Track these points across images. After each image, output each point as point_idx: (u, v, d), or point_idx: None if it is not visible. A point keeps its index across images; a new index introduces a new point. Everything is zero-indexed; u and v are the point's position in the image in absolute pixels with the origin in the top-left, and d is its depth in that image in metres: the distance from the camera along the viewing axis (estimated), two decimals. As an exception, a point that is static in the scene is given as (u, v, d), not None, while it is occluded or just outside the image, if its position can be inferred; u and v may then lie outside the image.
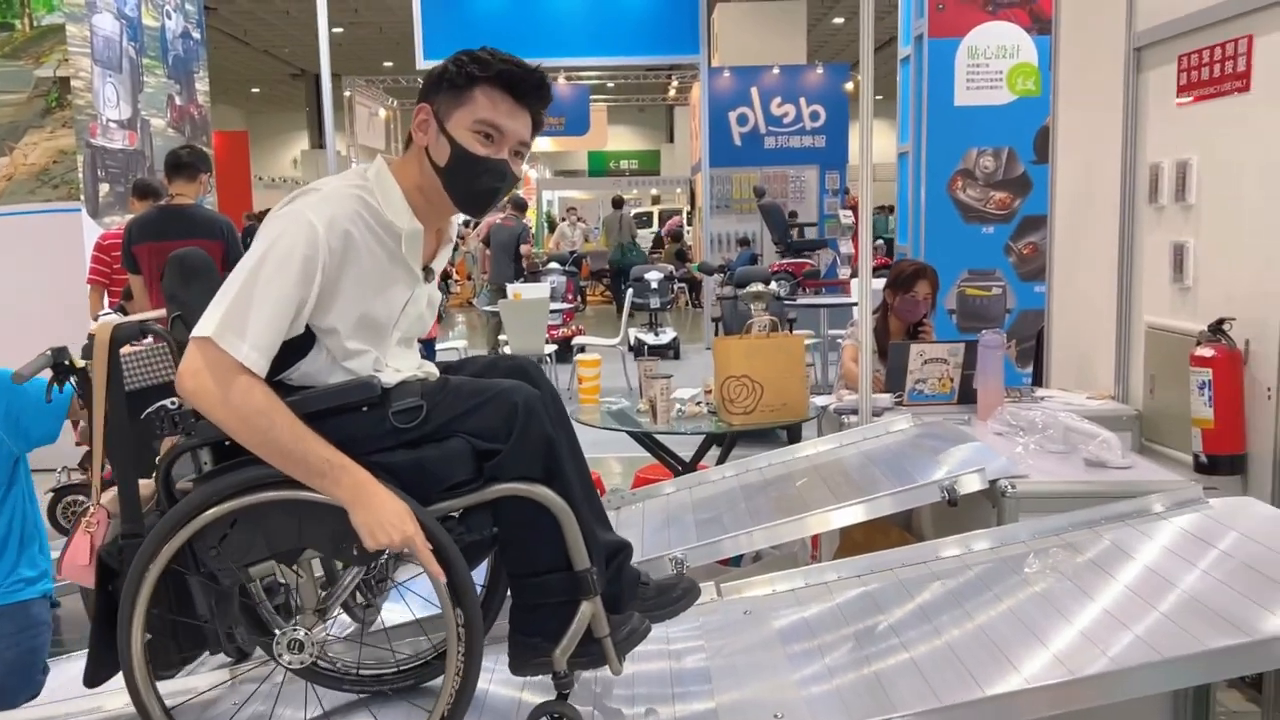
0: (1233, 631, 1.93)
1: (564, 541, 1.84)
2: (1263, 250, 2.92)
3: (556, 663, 1.86)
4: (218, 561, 1.83)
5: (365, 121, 18.71)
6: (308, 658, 1.88)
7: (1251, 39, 2.98)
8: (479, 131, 1.87)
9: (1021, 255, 6.27)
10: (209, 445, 1.84)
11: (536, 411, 1.83)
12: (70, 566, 1.97)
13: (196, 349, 1.74)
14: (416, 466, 1.79)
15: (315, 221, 1.77)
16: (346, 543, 1.78)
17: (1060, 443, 3.01)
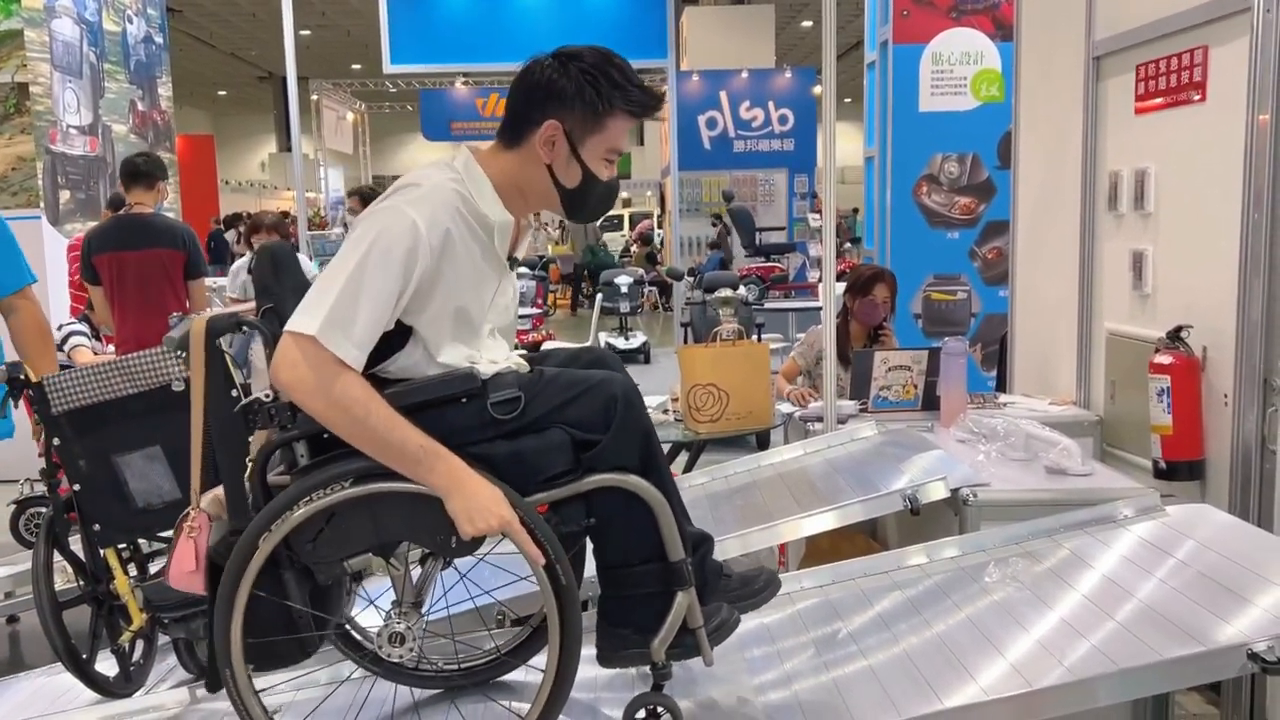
0: (1189, 641, 1.95)
1: (659, 532, 1.84)
2: (1219, 258, 2.95)
3: (655, 654, 1.85)
4: (314, 555, 1.81)
5: (333, 125, 18.61)
6: (408, 651, 1.90)
7: (1207, 50, 3.01)
8: (607, 159, 1.91)
9: (986, 260, 6.31)
10: (306, 438, 1.84)
11: (635, 403, 1.85)
12: (178, 575, 1.92)
13: (294, 344, 1.72)
14: (515, 457, 1.79)
15: (417, 219, 1.76)
16: (444, 534, 1.77)
17: (1022, 450, 3.03)
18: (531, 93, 1.88)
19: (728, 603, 1.98)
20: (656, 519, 1.83)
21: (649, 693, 1.91)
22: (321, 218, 17.45)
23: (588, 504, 1.84)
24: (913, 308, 6.38)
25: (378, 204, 1.84)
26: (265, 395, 1.84)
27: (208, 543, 1.92)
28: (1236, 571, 2.21)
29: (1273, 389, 2.82)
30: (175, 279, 4.81)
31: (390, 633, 1.89)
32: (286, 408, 1.82)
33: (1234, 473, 2.93)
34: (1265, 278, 2.80)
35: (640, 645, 1.86)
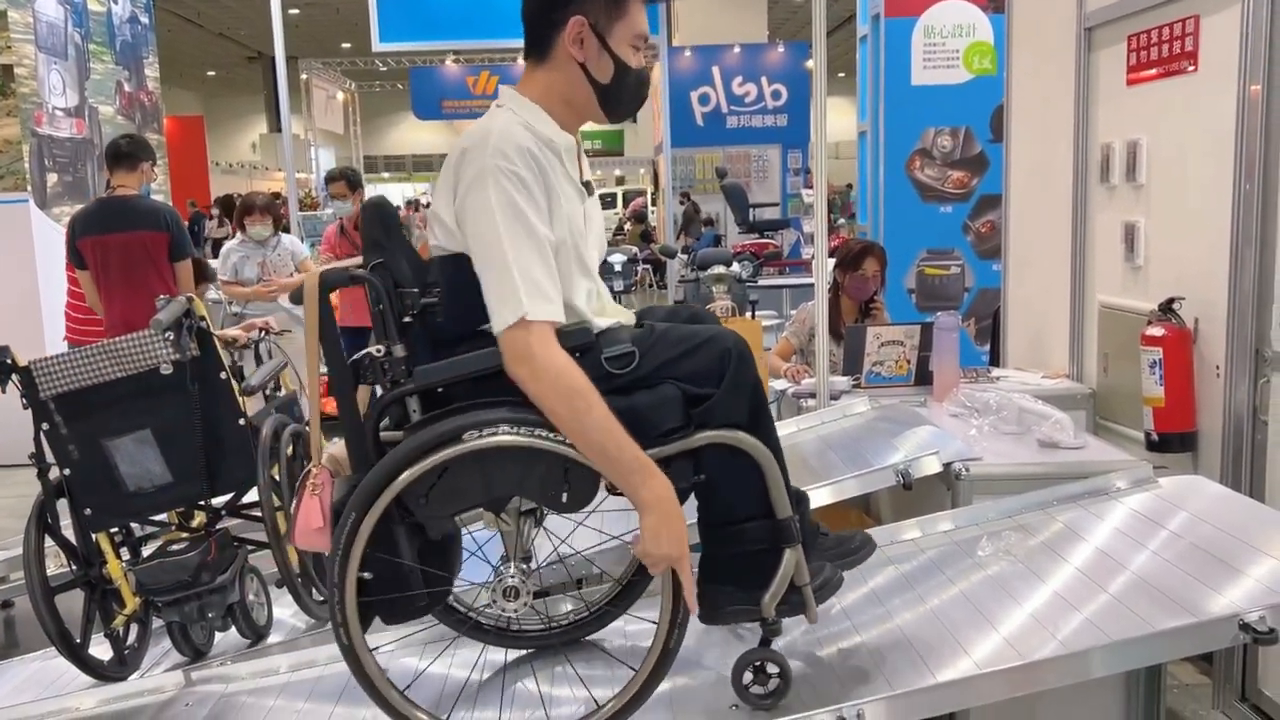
0: (1181, 613, 1.95)
1: (766, 489, 1.83)
2: (1210, 230, 2.94)
3: (765, 609, 1.85)
4: (426, 511, 1.82)
5: (323, 104, 18.49)
6: (522, 605, 1.90)
7: (1198, 19, 2.99)
8: (634, 45, 1.90)
9: (979, 234, 6.29)
10: (418, 394, 1.84)
11: (747, 357, 1.83)
12: (304, 533, 1.92)
13: (510, 339, 1.73)
14: (630, 412, 1.77)
15: (511, 167, 1.76)
16: (555, 490, 1.78)
17: (1014, 424, 3.03)
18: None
19: (828, 561, 1.99)
20: (764, 475, 1.83)
21: (758, 648, 1.92)
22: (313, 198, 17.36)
23: (695, 460, 1.84)
24: (906, 283, 6.37)
25: (464, 175, 1.80)
26: (376, 350, 1.84)
27: (331, 498, 1.92)
28: (1228, 542, 2.21)
29: (1264, 360, 2.82)
30: (159, 261, 4.77)
31: (505, 587, 1.90)
32: (401, 362, 1.83)
33: (1226, 444, 2.93)
34: (1256, 249, 2.79)
35: (744, 602, 1.87)
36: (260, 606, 2.84)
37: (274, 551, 2.66)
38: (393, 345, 1.84)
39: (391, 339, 1.85)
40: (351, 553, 1.80)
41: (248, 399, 2.79)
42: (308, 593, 2.75)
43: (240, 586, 2.70)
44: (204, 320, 2.61)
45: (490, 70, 16.47)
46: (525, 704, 2.06)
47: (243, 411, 2.68)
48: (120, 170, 4.81)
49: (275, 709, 2.32)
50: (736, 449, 1.81)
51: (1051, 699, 2.44)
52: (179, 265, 4.82)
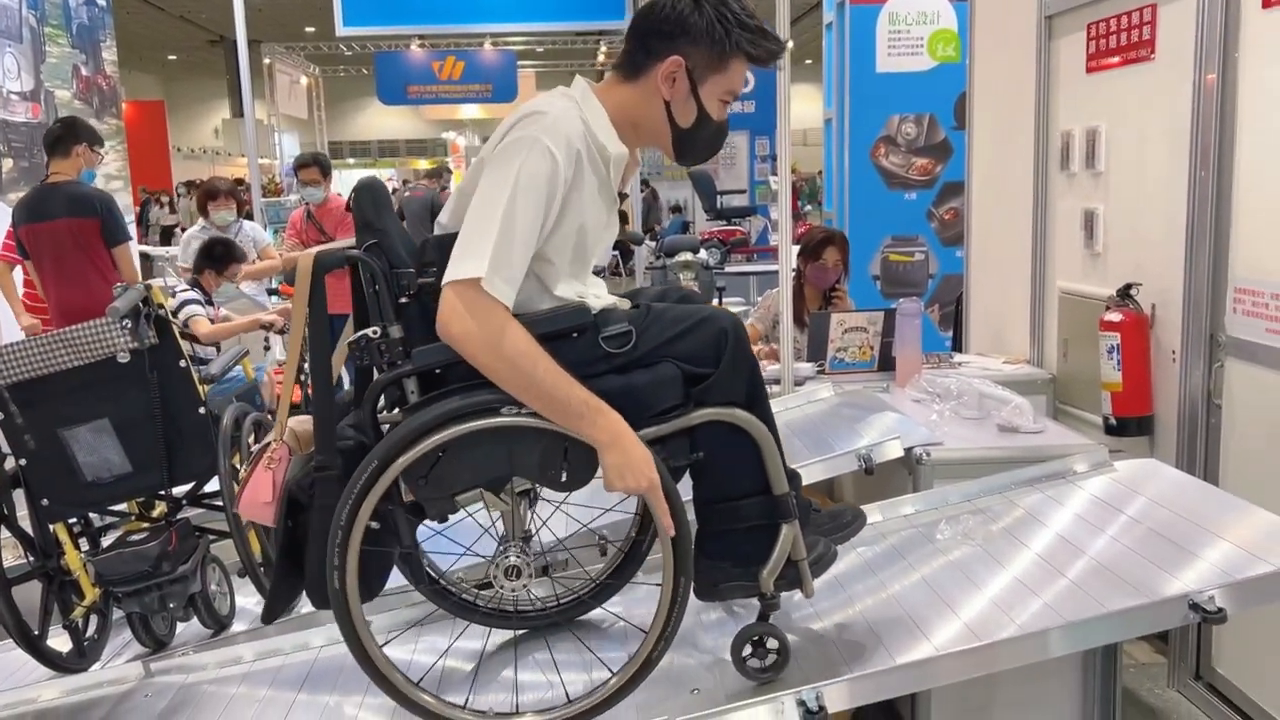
0: (1134, 594, 1.99)
1: (763, 466, 1.85)
2: (1167, 217, 2.99)
3: (763, 585, 1.87)
4: (425, 492, 1.81)
5: (287, 89, 18.27)
6: (522, 584, 1.91)
7: (1155, 8, 3.02)
8: (724, 101, 1.90)
9: (943, 221, 6.33)
10: (416, 375, 1.83)
11: (743, 336, 1.85)
12: (250, 505, 1.91)
13: (458, 294, 1.71)
14: (627, 392, 1.78)
15: (553, 148, 1.75)
16: (554, 469, 1.79)
17: (975, 409, 3.06)
18: (660, 25, 1.86)
19: (822, 536, 2.01)
20: (761, 452, 1.85)
21: (757, 623, 1.93)
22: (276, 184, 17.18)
23: (692, 439, 1.84)
24: (871, 269, 6.40)
25: (507, 138, 1.79)
26: (372, 332, 1.83)
27: (284, 476, 1.91)
28: (1182, 525, 2.26)
29: (1218, 345, 2.86)
30: (92, 247, 4.66)
31: (506, 566, 1.90)
32: (398, 344, 1.83)
33: (1181, 428, 2.98)
34: (1211, 236, 2.84)
35: (741, 579, 1.89)
36: (222, 596, 2.82)
37: (236, 541, 2.64)
38: (389, 326, 1.83)
39: (388, 320, 1.84)
40: (352, 535, 1.79)
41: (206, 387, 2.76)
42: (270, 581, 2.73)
43: (202, 576, 2.68)
44: (162, 308, 2.58)
45: (456, 55, 16.33)
46: (529, 683, 2.07)
47: (203, 400, 2.65)
48: (55, 157, 4.71)
49: (237, 698, 2.31)
50: (734, 426, 1.83)
51: (1010, 680, 2.48)
52: (116, 251, 4.72)
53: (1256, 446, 2.75)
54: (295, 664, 2.44)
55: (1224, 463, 2.88)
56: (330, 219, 6.21)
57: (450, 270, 1.72)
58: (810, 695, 1.85)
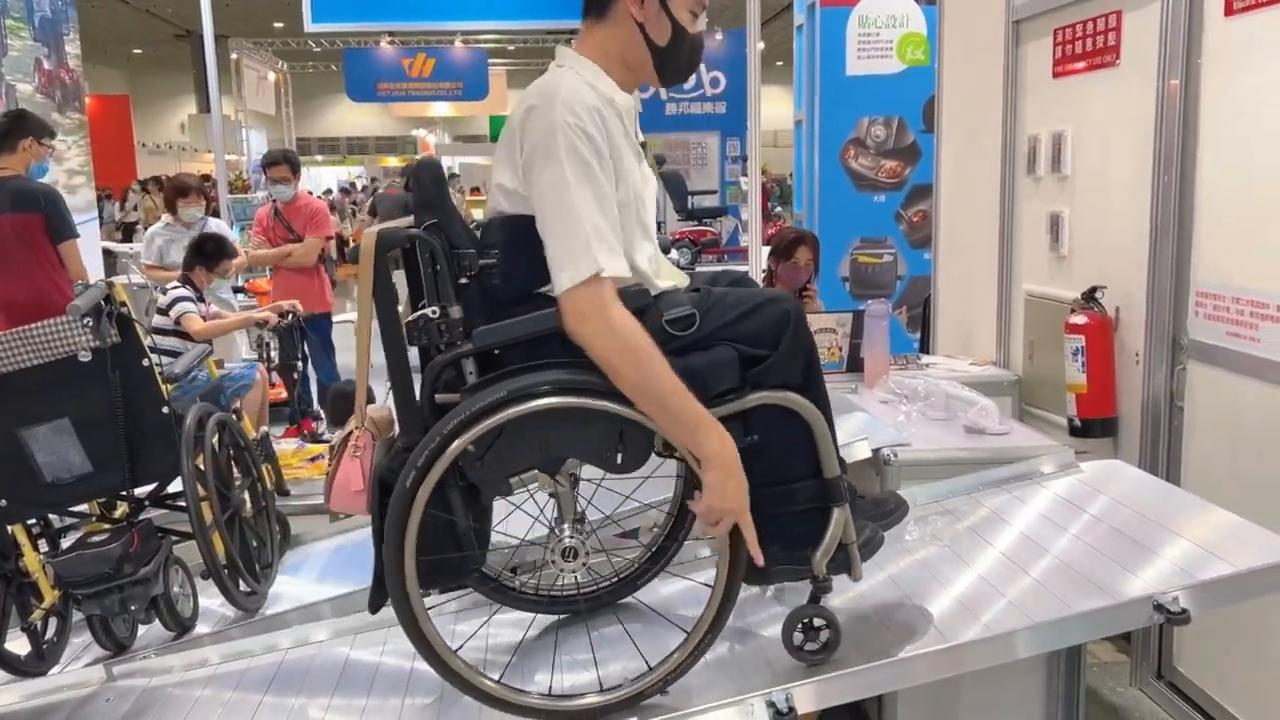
0: (1099, 595, 2.01)
1: (816, 449, 1.86)
2: (1131, 221, 3.02)
3: (816, 567, 1.88)
4: (482, 473, 1.82)
5: (254, 85, 18.07)
6: (580, 565, 1.93)
7: (1120, 14, 3.06)
8: (693, 11, 1.91)
9: (912, 223, 6.37)
10: (475, 356, 1.83)
11: (804, 320, 1.87)
12: (341, 495, 1.91)
13: (575, 298, 1.73)
14: (687, 374, 1.77)
15: (579, 123, 1.76)
16: (610, 451, 1.80)
17: (942, 410, 3.08)
18: None
19: (869, 521, 2.02)
20: (814, 436, 1.86)
21: (809, 605, 1.94)
22: (243, 181, 17.00)
23: (746, 421, 1.85)
24: (840, 270, 6.43)
25: (529, 135, 1.80)
26: (432, 312, 1.83)
27: (372, 462, 1.90)
28: (1146, 526, 2.28)
29: (1180, 348, 2.90)
30: (36, 244, 4.54)
31: (563, 548, 1.91)
32: (458, 324, 1.83)
33: (1145, 429, 3.02)
34: (1174, 240, 2.87)
35: (789, 561, 1.90)
36: (185, 598, 2.78)
37: (199, 542, 2.61)
38: (449, 306, 1.83)
39: (448, 300, 1.84)
40: (411, 516, 1.79)
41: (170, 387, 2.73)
42: (234, 584, 2.70)
43: (164, 578, 2.64)
44: (125, 306, 2.55)
45: (427, 53, 16.22)
46: (574, 666, 2.08)
47: (166, 399, 2.62)
48: (1, 152, 4.63)
49: (202, 700, 2.29)
50: (789, 410, 1.84)
51: (976, 680, 2.50)
52: (62, 247, 4.64)
53: (1217, 448, 2.79)
54: (261, 666, 2.41)
55: (1186, 464, 2.92)
56: (299, 217, 6.15)
57: (559, 281, 1.74)
58: (780, 696, 1.86)
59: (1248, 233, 2.63)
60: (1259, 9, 2.54)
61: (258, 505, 3.06)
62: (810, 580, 1.93)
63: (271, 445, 3.57)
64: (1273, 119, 2.52)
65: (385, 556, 1.82)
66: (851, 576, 1.95)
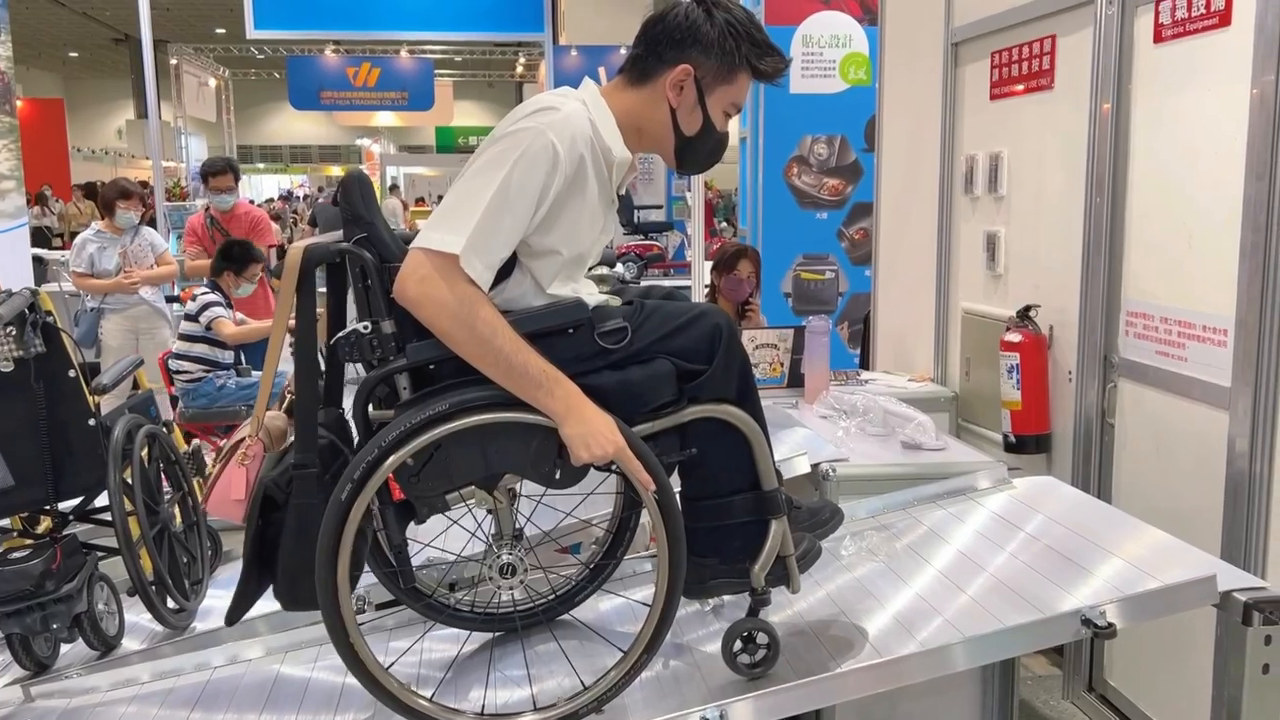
0: (1029, 610, 2.03)
1: (753, 462, 1.87)
2: (1064, 241, 3.08)
3: (755, 580, 1.88)
4: (417, 489, 1.79)
5: (194, 91, 17.79)
6: (517, 582, 1.91)
7: (1055, 39, 3.12)
8: (727, 112, 1.92)
9: (853, 240, 6.45)
10: (408, 372, 1.80)
11: (736, 333, 1.87)
12: (220, 501, 1.86)
13: (427, 259, 1.69)
14: (623, 387, 1.78)
15: (556, 143, 1.74)
16: (548, 464, 1.78)
17: (880, 426, 3.11)
18: (673, 33, 1.87)
19: (806, 533, 2.02)
20: (752, 448, 1.86)
21: (748, 619, 1.94)
22: (181, 188, 16.69)
23: (682, 435, 1.85)
24: (783, 287, 6.48)
25: (513, 125, 1.78)
26: (363, 327, 1.80)
27: (257, 473, 1.87)
28: (1077, 543, 2.32)
29: (1111, 366, 2.96)
30: None
31: (501, 565, 1.89)
32: (390, 339, 1.79)
33: (1077, 445, 3.08)
34: (1105, 260, 2.93)
35: (728, 575, 1.90)
36: (110, 616, 2.70)
37: (125, 558, 2.54)
38: (381, 321, 1.80)
39: (379, 315, 1.81)
40: (345, 533, 1.75)
41: (99, 399, 2.65)
42: (162, 601, 2.63)
43: (88, 595, 2.56)
44: (50, 315, 2.48)
45: (372, 62, 16.11)
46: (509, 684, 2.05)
47: (94, 411, 2.55)
48: None
49: (126, 718, 2.22)
50: (726, 423, 1.85)
51: (912, 694, 2.52)
52: None
53: (1146, 464, 2.85)
54: (189, 684, 2.35)
55: (1116, 479, 2.98)
56: (238, 225, 6.06)
57: (425, 236, 1.72)
58: (714, 713, 1.85)
59: (1175, 254, 2.70)
60: (1185, 37, 2.61)
61: (188, 520, 2.99)
62: (749, 593, 1.93)
63: (203, 458, 3.49)
64: (1196, 143, 2.59)
65: (318, 572, 1.77)
66: (790, 589, 1.96)
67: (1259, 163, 2.33)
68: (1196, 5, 2.55)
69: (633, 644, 1.88)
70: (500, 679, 2.08)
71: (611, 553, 2.30)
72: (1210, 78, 2.53)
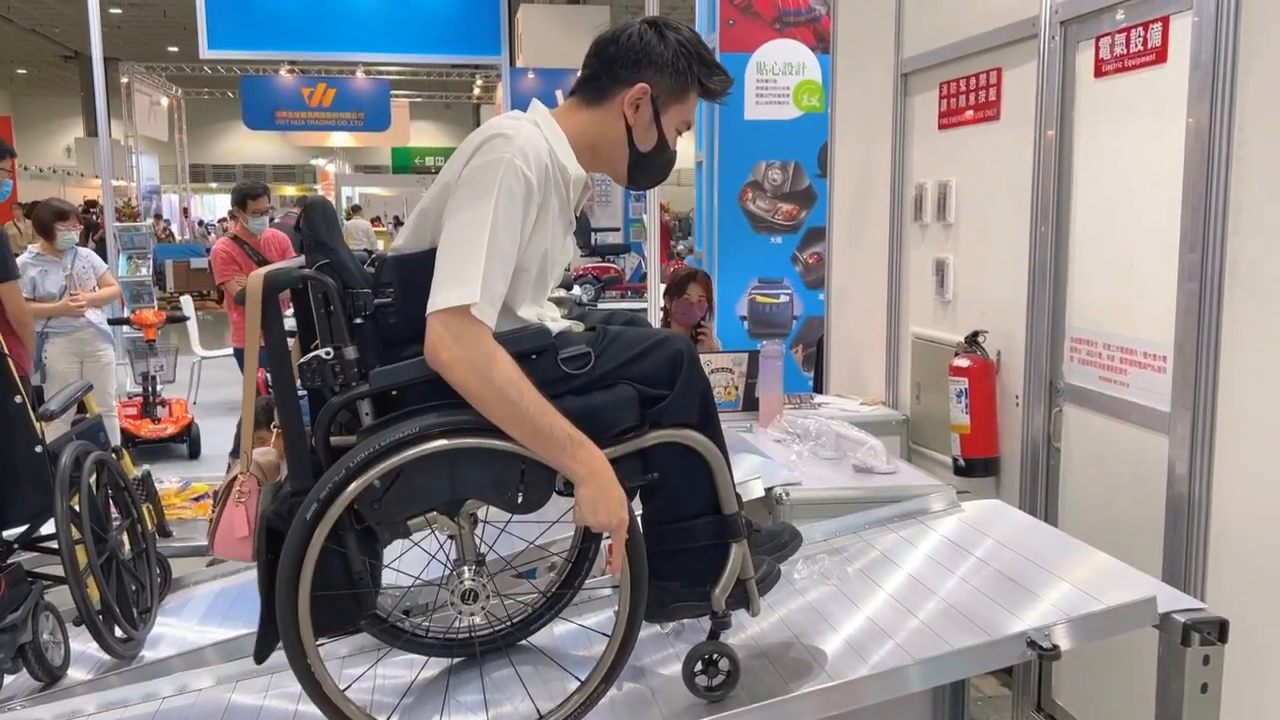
0: (978, 632, 2.07)
1: (714, 486, 1.89)
2: (1011, 268, 3.15)
3: (715, 603, 1.90)
4: (380, 514, 1.78)
5: (146, 110, 17.59)
6: (479, 608, 1.91)
7: (1000, 71, 3.20)
8: (679, 130, 1.97)
9: (807, 265, 6.53)
10: (371, 397, 1.79)
11: (697, 359, 1.90)
12: (225, 542, 1.85)
13: (445, 321, 1.72)
14: (587, 412, 1.79)
15: (525, 170, 1.78)
16: (511, 491, 1.79)
17: (832, 449, 3.15)
18: (628, 53, 1.92)
19: (765, 556, 2.04)
20: (713, 473, 1.88)
21: (708, 642, 1.95)
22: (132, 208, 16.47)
23: (644, 459, 1.87)
24: (738, 310, 6.54)
25: (476, 158, 1.79)
26: (325, 353, 1.79)
27: (257, 508, 1.85)
28: (1025, 566, 2.36)
29: (1057, 391, 3.03)
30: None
31: (463, 590, 1.88)
32: (353, 364, 1.79)
33: (1024, 469, 3.13)
34: (1050, 287, 3.00)
35: (689, 599, 1.92)
36: (56, 646, 2.66)
37: (72, 587, 2.50)
38: (344, 347, 1.80)
39: (342, 340, 1.80)
40: (306, 560, 1.74)
41: (46, 424, 2.62)
42: (109, 630, 2.59)
43: (33, 625, 2.52)
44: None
45: (327, 83, 16.05)
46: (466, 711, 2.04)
47: (40, 438, 2.51)
48: None
49: (68, 754, 2.18)
50: (687, 447, 1.87)
51: (865, 716, 2.53)
52: (2, 288, 4.51)
53: (1091, 487, 2.91)
54: (136, 716, 2.31)
55: (1062, 502, 3.04)
56: (270, 249, 6.13)
57: (437, 298, 1.73)
58: (667, 738, 1.86)
59: (1116, 281, 2.77)
60: (1124, 73, 2.69)
61: (137, 547, 2.95)
62: (710, 616, 1.95)
63: (153, 484, 3.44)
64: (1136, 174, 2.67)
65: (278, 591, 1.76)
66: (750, 611, 1.98)
67: (1194, 195, 2.41)
68: (1134, 42, 2.63)
69: (592, 671, 1.89)
70: (456, 704, 2.07)
71: (569, 582, 2.30)
72: (1148, 111, 2.61)
